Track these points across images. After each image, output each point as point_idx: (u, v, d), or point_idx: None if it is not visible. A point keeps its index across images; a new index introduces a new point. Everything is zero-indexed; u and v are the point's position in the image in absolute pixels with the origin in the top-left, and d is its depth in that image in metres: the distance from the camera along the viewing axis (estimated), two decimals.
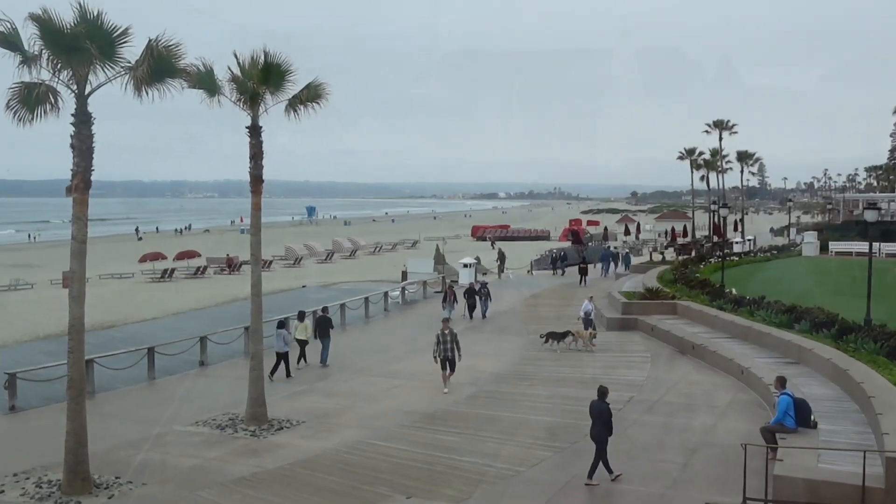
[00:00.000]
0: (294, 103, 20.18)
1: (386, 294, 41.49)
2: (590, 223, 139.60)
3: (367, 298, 38.99)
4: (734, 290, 33.57)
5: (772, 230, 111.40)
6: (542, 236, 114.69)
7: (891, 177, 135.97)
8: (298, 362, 27.13)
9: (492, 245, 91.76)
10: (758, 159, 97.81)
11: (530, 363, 27.15)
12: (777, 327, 26.23)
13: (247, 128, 20.09)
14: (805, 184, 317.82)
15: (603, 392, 16.07)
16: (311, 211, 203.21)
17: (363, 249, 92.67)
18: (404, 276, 50.09)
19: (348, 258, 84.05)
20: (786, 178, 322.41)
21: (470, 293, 36.44)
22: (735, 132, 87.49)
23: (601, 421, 15.65)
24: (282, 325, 26.50)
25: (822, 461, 14.59)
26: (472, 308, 36.11)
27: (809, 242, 59.63)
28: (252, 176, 20.19)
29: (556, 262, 58.32)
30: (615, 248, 70.82)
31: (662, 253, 68.83)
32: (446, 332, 23.33)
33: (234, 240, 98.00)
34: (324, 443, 18.47)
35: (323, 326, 28.38)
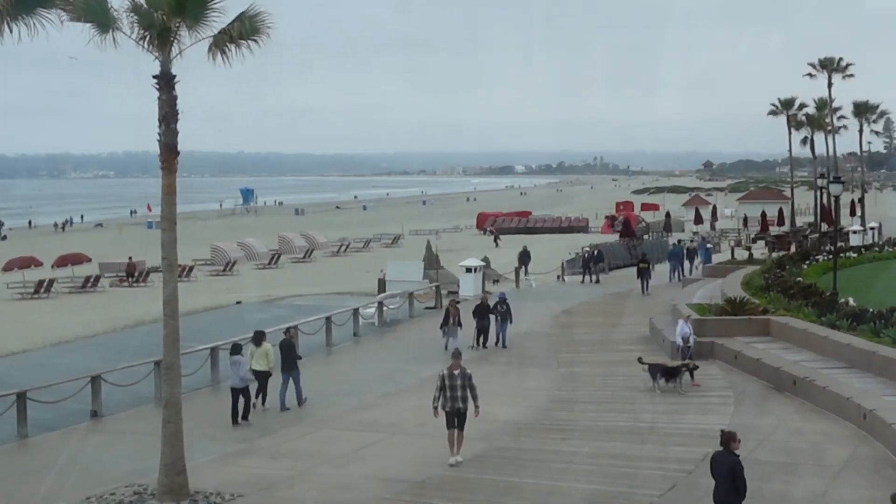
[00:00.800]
0: (221, 42, 20.13)
1: (356, 312, 41.48)
2: (645, 207, 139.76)
3: (328, 319, 38.97)
4: (852, 301, 33.65)
5: None
6: (578, 227, 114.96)
7: None
8: (255, 401, 27.75)
9: (494, 240, 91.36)
10: (884, 113, 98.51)
11: (563, 408, 27.18)
12: None
13: (154, 77, 20.02)
14: None
15: (728, 438, 15.59)
16: (247, 195, 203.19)
17: (323, 249, 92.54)
18: (382, 285, 50.06)
19: (302, 261, 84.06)
20: None
21: (481, 312, 36.04)
22: (850, 75, 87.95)
23: (728, 480, 15.29)
24: (237, 349, 27.36)
25: None
26: (483, 332, 35.88)
27: None
28: (163, 146, 20.08)
29: (589, 263, 58.16)
30: (689, 241, 70.71)
31: (749, 248, 68.93)
32: (455, 372, 22.14)
33: (139, 237, 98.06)
34: None
35: (288, 354, 28.84)
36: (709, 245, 66.84)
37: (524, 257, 57.47)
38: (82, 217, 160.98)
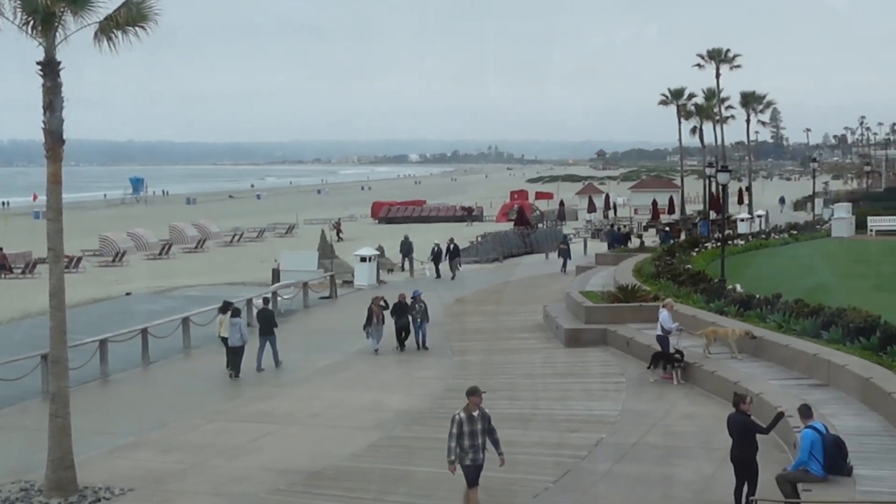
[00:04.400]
0: (107, 28, 19.81)
1: (249, 302, 41.16)
2: (539, 196, 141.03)
3: None
4: (739, 287, 34.35)
5: (782, 201, 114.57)
6: (473, 216, 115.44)
7: None
8: (229, 367, 30.71)
9: (337, 234, 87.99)
10: (770, 104, 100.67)
11: (458, 397, 27.12)
12: (798, 336, 26.98)
13: (39, 64, 19.68)
14: (835, 137, 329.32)
15: (738, 400, 17.33)
16: (137, 184, 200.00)
17: (215, 239, 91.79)
18: (276, 275, 49.75)
19: (194, 251, 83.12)
20: (809, 130, 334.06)
21: (399, 311, 34.26)
22: (738, 66, 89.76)
23: (745, 438, 16.84)
24: (237, 312, 31.62)
25: None
26: (403, 332, 34.01)
27: (841, 218, 61.52)
28: (47, 134, 19.78)
29: (439, 256, 55.45)
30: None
31: (641, 236, 70.01)
32: (475, 414, 17.49)
33: (22, 227, 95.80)
34: None
35: (266, 322, 31.98)
36: (617, 226, 68.06)
37: (405, 247, 56.85)
38: None
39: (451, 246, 55.38)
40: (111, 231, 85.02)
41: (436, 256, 55.18)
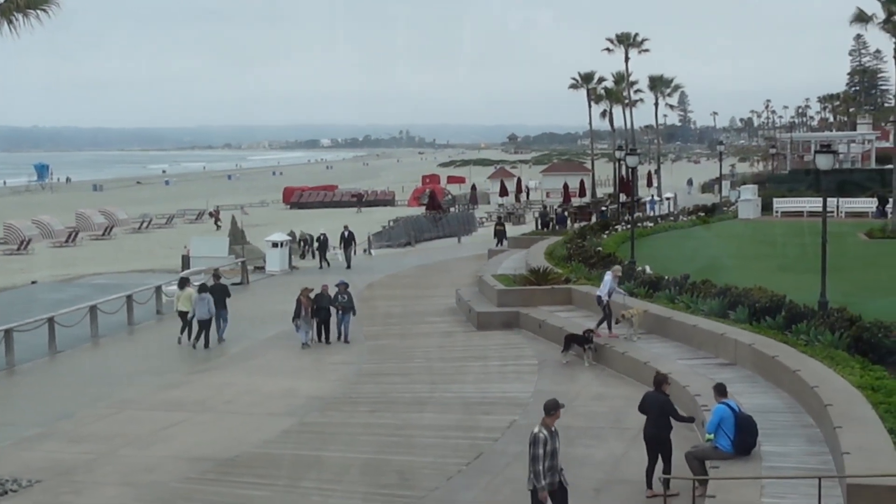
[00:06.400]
0: (8, 11, 19.45)
1: (159, 289, 40.71)
2: (451, 180, 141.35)
3: (130, 297, 38.15)
4: (648, 269, 34.80)
5: (689, 183, 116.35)
6: (385, 200, 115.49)
7: (850, 109, 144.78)
8: (182, 338, 32.81)
9: (215, 222, 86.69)
10: (678, 87, 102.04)
11: (371, 381, 27.33)
12: (706, 317, 27.42)
13: None
14: (742, 120, 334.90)
15: (660, 380, 17.73)
16: (42, 171, 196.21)
17: (123, 226, 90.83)
18: (186, 262, 49.28)
19: (101, 238, 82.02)
20: (716, 114, 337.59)
21: (322, 303, 32.68)
22: (646, 50, 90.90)
23: (659, 416, 17.13)
24: (203, 287, 33.17)
25: (766, 494, 15.40)
26: (325, 325, 32.72)
27: (747, 200, 62.59)
28: None
29: (350, 241, 53.86)
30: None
31: (552, 219, 70.58)
32: (554, 429, 15.26)
33: None
34: None
35: (220, 295, 33.25)
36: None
37: (347, 239, 55.11)
38: None
39: (346, 233, 53.47)
40: (15, 219, 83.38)
41: (345, 242, 53.73)
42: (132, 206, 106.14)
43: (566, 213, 69.46)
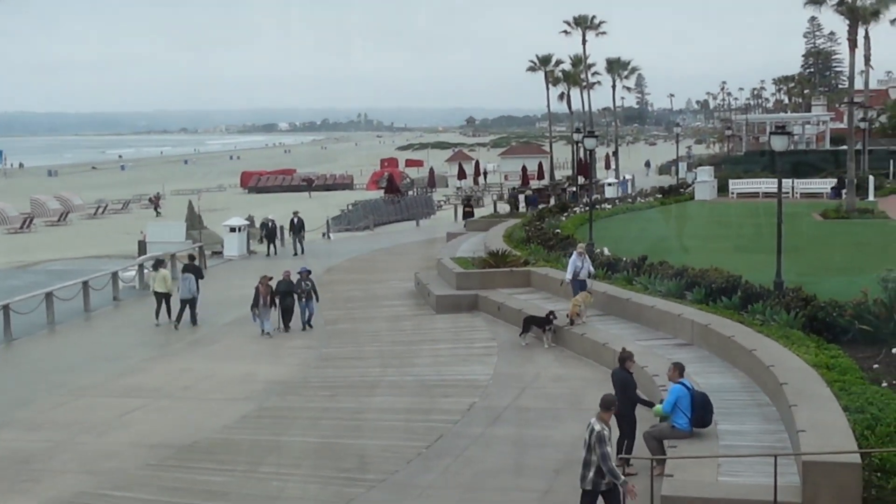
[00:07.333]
0: None
1: (115, 275, 40.43)
2: (409, 163, 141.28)
3: (86, 283, 37.85)
4: (606, 250, 34.96)
5: (647, 165, 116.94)
6: (343, 184, 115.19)
7: (805, 91, 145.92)
8: (158, 317, 33.60)
9: (155, 209, 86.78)
10: (635, 69, 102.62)
11: (331, 365, 27.29)
12: (664, 298, 27.61)
13: None
14: (698, 102, 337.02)
15: (624, 357, 17.93)
16: None
17: (79, 211, 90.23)
18: (142, 247, 48.94)
19: (57, 225, 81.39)
20: (672, 96, 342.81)
21: (284, 290, 32.29)
22: (603, 32, 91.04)
23: (625, 394, 17.29)
24: (187, 268, 34.17)
25: (723, 473, 15.55)
26: (287, 313, 32.27)
27: (704, 182, 63.01)
28: None
29: (300, 227, 52.38)
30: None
31: (511, 202, 70.70)
32: (603, 431, 14.22)
33: None
34: (27, 502, 17.86)
35: (195, 276, 33.73)
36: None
37: (297, 225, 54.57)
38: None
39: (295, 220, 52.16)
40: None
41: (295, 229, 52.17)
42: (88, 192, 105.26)
43: (536, 194, 69.17)
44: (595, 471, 14.01)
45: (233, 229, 51.01)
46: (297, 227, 51.90)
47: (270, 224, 52.91)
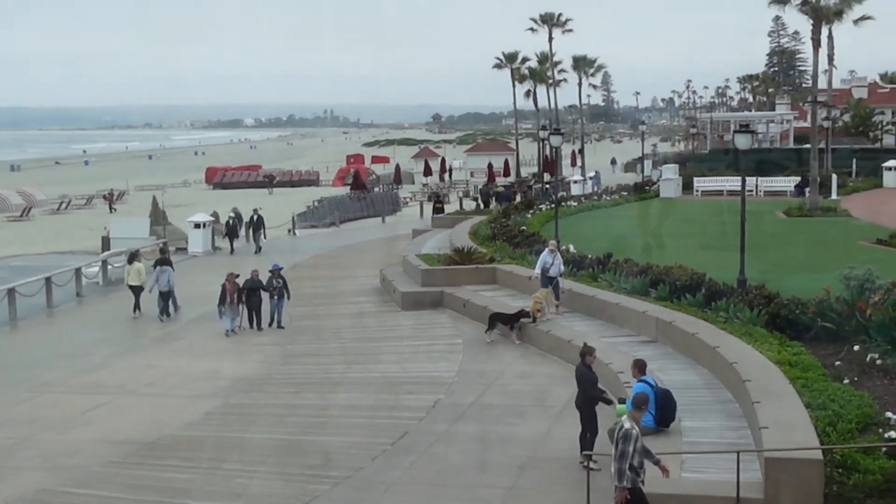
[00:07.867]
0: None
1: (79, 271, 40.16)
2: (375, 160, 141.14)
3: (48, 279, 37.59)
4: (572, 248, 35.06)
5: (613, 163, 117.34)
6: (309, 180, 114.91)
7: (769, 90, 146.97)
8: (135, 312, 34.00)
9: (109, 206, 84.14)
10: (601, 67, 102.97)
11: (296, 362, 27.23)
12: (628, 295, 27.74)
13: None
14: (663, 100, 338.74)
15: (584, 352, 17.85)
16: None
17: (42, 207, 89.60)
18: (106, 243, 48.61)
19: (19, 220, 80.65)
20: (638, 94, 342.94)
21: (251, 288, 31.70)
22: (570, 30, 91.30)
23: (584, 389, 17.50)
24: (164, 261, 34.96)
25: (686, 469, 15.70)
26: (256, 312, 31.68)
27: (668, 179, 63.26)
28: None
29: (259, 224, 51.68)
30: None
31: (477, 199, 70.74)
32: (632, 430, 13.41)
33: None
34: None
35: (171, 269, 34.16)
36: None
37: (257, 223, 54.15)
38: None
39: (255, 217, 51.48)
40: None
41: (254, 226, 51.50)
42: (51, 187, 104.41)
43: (509, 191, 68.86)
44: (629, 467, 13.30)
45: (197, 225, 50.76)
46: (257, 225, 51.27)
47: (230, 221, 52.09)
